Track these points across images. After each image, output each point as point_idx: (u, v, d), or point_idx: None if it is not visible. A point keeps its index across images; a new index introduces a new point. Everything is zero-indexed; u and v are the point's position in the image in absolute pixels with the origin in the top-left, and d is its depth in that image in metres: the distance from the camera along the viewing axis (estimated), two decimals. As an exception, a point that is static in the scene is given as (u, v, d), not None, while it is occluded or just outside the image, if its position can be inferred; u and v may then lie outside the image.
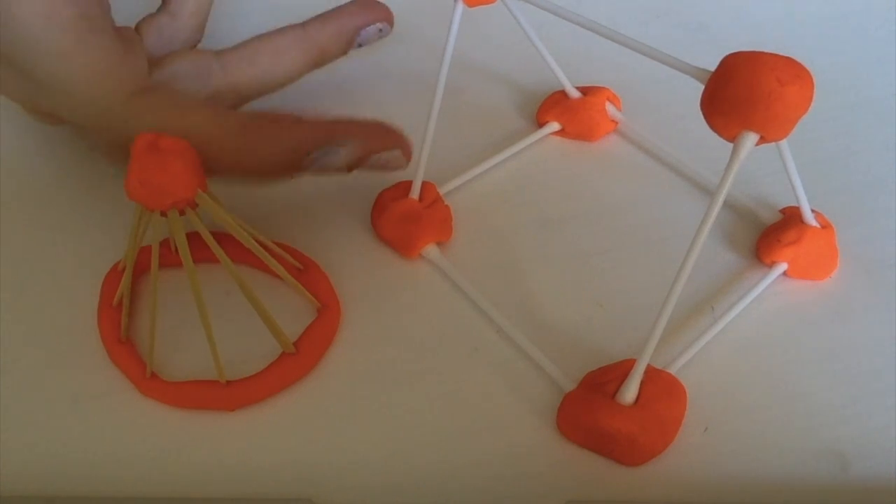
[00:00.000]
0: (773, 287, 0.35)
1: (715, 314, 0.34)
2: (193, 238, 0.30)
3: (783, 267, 0.35)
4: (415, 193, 0.36)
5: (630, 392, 0.30)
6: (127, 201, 0.28)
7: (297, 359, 0.32)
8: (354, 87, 0.44)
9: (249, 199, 0.38)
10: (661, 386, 0.30)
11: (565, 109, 0.41)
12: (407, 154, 0.35)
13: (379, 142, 0.34)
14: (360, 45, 0.39)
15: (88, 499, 0.29)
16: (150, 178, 0.27)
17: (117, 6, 0.34)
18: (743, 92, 0.26)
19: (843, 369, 0.33)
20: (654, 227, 0.37)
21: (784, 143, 0.30)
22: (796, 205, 0.34)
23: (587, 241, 0.37)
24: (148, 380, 0.31)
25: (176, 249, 0.34)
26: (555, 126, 0.41)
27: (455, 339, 0.34)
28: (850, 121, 0.42)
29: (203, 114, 0.33)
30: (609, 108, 0.41)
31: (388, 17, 0.40)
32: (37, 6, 0.30)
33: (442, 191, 0.38)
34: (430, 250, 0.36)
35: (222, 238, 0.34)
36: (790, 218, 0.36)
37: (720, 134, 0.27)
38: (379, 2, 0.40)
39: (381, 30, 0.39)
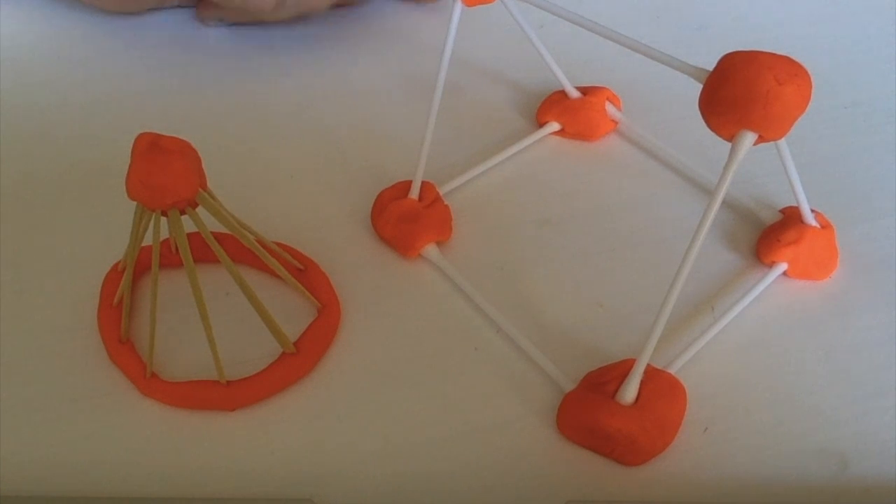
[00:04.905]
0: (773, 287, 0.35)
1: (715, 314, 0.34)
2: (194, 238, 0.30)
3: (783, 267, 0.35)
4: (414, 193, 0.36)
5: (630, 392, 0.30)
6: (127, 201, 0.28)
7: (297, 359, 0.32)
8: (354, 87, 0.44)
9: (249, 200, 0.38)
10: (661, 386, 0.30)
11: (565, 109, 0.41)
12: None
13: None
14: None
15: (88, 499, 0.29)
16: (151, 178, 0.27)
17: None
18: (741, 91, 0.26)
19: (843, 369, 0.33)
20: (654, 227, 0.37)
21: (783, 142, 0.30)
22: (796, 205, 0.34)
23: (587, 241, 0.37)
24: (148, 380, 0.31)
25: (176, 249, 0.34)
26: (555, 126, 0.41)
27: (455, 339, 0.34)
28: (850, 121, 0.42)
29: None
30: (609, 108, 0.41)
31: None
32: None
33: (442, 191, 0.38)
34: (430, 250, 0.36)
35: (222, 238, 0.34)
36: (790, 218, 0.36)
37: (718, 133, 0.27)
38: None
39: None
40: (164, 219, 0.29)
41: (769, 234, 0.36)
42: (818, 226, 0.35)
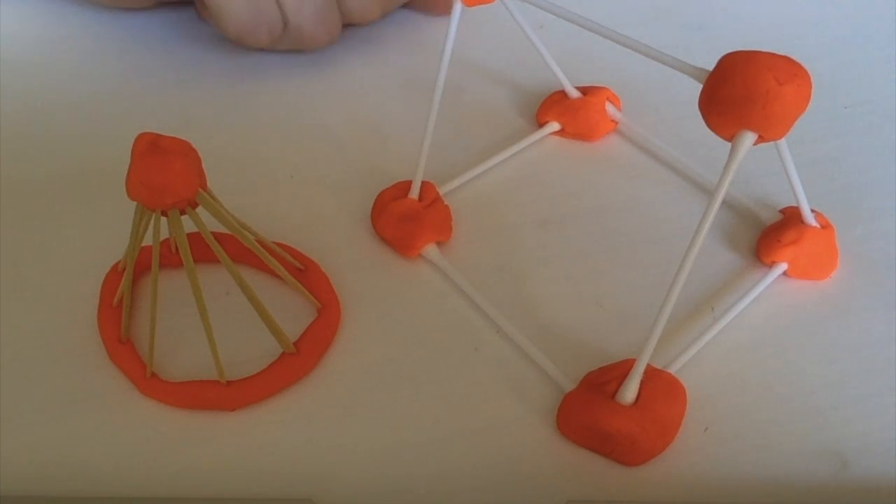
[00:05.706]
0: (773, 287, 0.35)
1: (715, 314, 0.34)
2: (194, 238, 0.30)
3: (783, 267, 0.35)
4: (414, 193, 0.36)
5: (630, 392, 0.30)
6: (127, 201, 0.28)
7: (297, 359, 0.32)
8: (354, 87, 0.44)
9: (249, 199, 0.38)
10: (661, 386, 0.30)
11: (565, 109, 0.41)
12: None
13: None
14: None
15: (88, 499, 0.29)
16: (151, 178, 0.27)
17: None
18: (740, 91, 0.26)
19: (843, 369, 0.33)
20: (654, 227, 0.37)
21: (783, 142, 0.30)
22: (796, 205, 0.34)
23: (587, 241, 0.37)
24: (148, 380, 0.31)
25: (176, 249, 0.34)
26: (555, 126, 0.41)
27: (455, 339, 0.34)
28: (850, 121, 0.42)
29: None
30: (609, 108, 0.41)
31: None
32: None
33: (442, 190, 0.38)
34: (430, 250, 0.36)
35: (222, 238, 0.34)
36: (790, 218, 0.36)
37: (718, 133, 0.27)
38: None
39: None
40: (164, 219, 0.29)
41: (769, 234, 0.36)
42: (818, 226, 0.35)
